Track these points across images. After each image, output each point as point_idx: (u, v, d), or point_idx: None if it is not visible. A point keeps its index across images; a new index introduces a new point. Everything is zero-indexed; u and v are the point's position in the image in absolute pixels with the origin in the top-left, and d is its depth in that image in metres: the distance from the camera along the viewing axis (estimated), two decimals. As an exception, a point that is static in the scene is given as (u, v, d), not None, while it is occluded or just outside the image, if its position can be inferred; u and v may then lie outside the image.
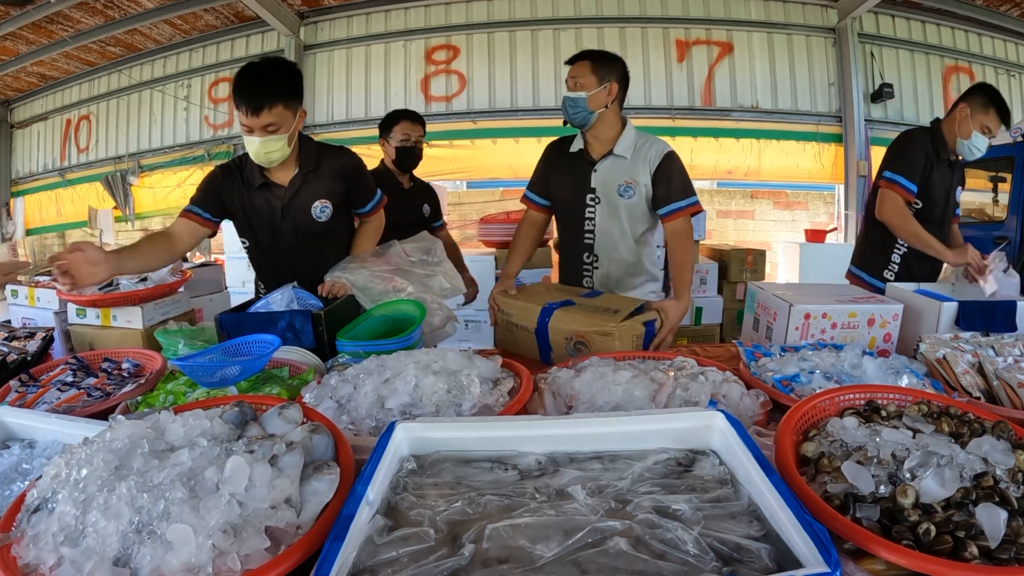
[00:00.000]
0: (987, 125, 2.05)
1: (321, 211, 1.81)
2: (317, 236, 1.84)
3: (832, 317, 1.47)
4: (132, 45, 6.22)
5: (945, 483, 0.67)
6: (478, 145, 5.62)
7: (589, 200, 1.90)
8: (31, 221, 7.36)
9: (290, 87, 1.62)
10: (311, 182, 1.79)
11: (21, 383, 1.35)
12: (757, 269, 4.28)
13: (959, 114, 2.09)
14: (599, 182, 1.88)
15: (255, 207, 1.79)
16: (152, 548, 0.59)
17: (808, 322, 1.47)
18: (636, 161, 1.85)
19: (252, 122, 1.58)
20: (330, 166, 1.82)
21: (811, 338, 1.48)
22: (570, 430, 0.82)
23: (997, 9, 5.49)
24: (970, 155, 2.11)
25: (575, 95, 1.79)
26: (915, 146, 2.12)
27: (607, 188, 1.87)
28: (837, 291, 1.69)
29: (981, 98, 2.05)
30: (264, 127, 1.58)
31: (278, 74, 1.61)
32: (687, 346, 1.85)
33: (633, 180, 1.85)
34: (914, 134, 2.18)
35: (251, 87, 1.57)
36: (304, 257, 1.83)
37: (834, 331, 1.48)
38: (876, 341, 1.50)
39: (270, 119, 1.58)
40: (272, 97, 1.57)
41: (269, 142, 1.61)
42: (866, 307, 1.49)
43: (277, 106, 1.58)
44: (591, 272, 1.96)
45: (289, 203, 1.78)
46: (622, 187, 1.86)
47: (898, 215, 2.08)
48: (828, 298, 1.55)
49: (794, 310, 1.47)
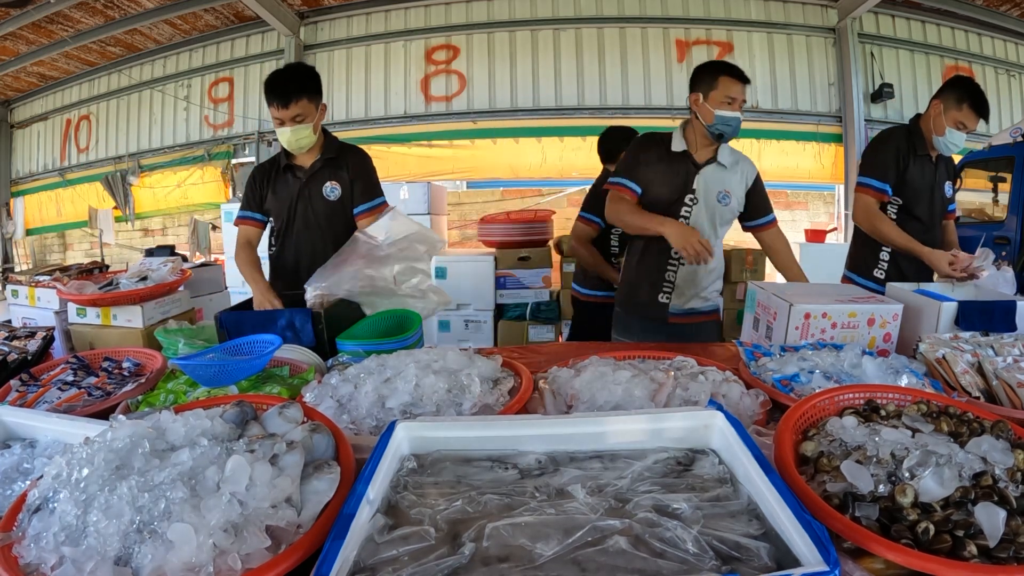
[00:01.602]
0: (961, 121, 2.03)
1: (331, 191, 2.06)
2: (325, 217, 2.06)
3: (832, 317, 1.47)
4: (132, 45, 6.22)
5: (944, 482, 0.68)
6: (478, 145, 5.62)
7: (688, 200, 1.99)
8: (31, 221, 7.36)
9: (311, 84, 1.95)
10: (327, 167, 2.06)
11: (22, 383, 1.35)
12: (757, 269, 4.28)
13: (933, 111, 2.08)
14: (701, 185, 1.99)
15: (279, 186, 2.07)
16: (153, 547, 0.59)
17: (808, 322, 1.47)
18: (734, 172, 2.04)
19: (283, 114, 1.89)
20: (346, 158, 2.09)
21: (811, 338, 1.47)
22: (570, 429, 0.82)
23: (997, 9, 5.49)
24: (946, 151, 2.12)
25: (738, 115, 1.91)
26: (885, 145, 2.14)
27: (708, 192, 1.99)
28: (837, 291, 1.69)
29: (954, 93, 2.04)
30: (292, 118, 1.90)
31: (300, 74, 1.96)
32: (687, 346, 1.86)
33: (730, 190, 2.02)
34: (887, 132, 2.20)
35: (280, 85, 1.91)
36: (313, 232, 2.06)
37: (834, 331, 1.47)
38: (876, 341, 1.50)
39: (297, 110, 1.89)
40: (297, 92, 1.89)
41: (298, 130, 1.92)
42: (866, 307, 1.48)
43: (302, 99, 1.89)
44: (676, 267, 2.04)
45: (307, 182, 2.04)
46: (721, 194, 2.01)
47: (867, 218, 2.13)
48: (828, 298, 1.55)
49: (794, 310, 1.46)
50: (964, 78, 2.15)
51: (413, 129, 5.73)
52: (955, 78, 2.15)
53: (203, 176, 6.31)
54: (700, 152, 2.01)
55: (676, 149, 2.01)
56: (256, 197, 2.08)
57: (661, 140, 2.05)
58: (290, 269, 2.06)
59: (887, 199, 2.12)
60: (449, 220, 5.61)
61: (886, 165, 2.11)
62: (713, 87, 1.90)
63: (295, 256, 2.07)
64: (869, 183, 2.12)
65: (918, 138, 2.14)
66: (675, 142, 2.02)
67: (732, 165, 2.04)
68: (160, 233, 6.91)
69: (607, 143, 2.84)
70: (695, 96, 1.96)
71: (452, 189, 6.07)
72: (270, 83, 1.93)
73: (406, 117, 5.73)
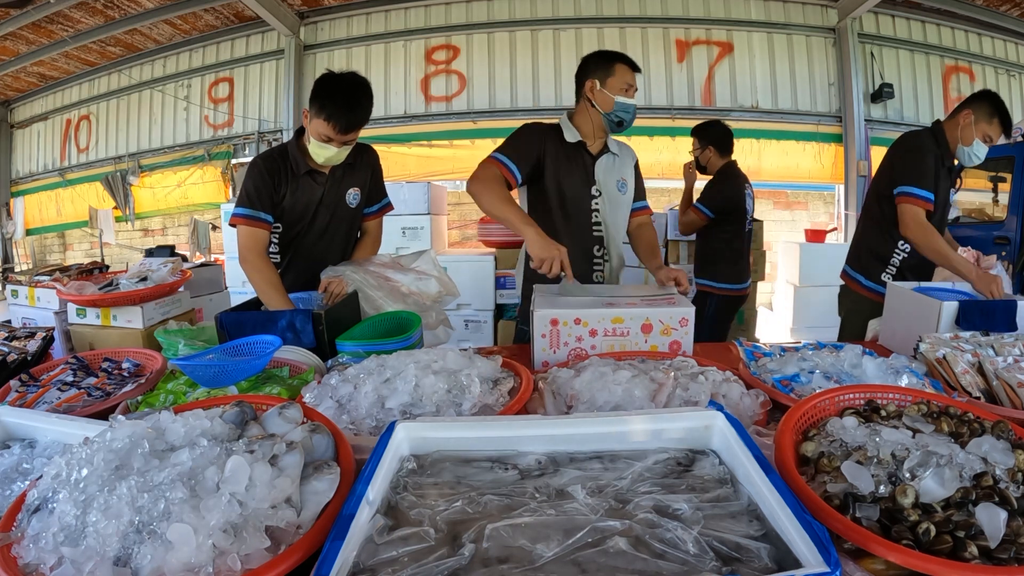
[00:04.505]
0: (989, 134, 2.02)
1: (353, 198, 2.00)
2: (345, 221, 2.01)
3: (589, 323, 1.31)
4: (132, 45, 6.22)
5: (945, 483, 0.67)
6: (478, 145, 5.62)
7: (595, 192, 1.94)
8: (31, 221, 7.35)
9: (373, 107, 1.82)
10: (348, 174, 1.97)
11: (21, 383, 1.35)
12: (757, 269, 4.28)
13: (963, 120, 2.05)
14: (601, 176, 1.93)
15: (299, 190, 1.90)
16: (152, 548, 0.59)
17: (556, 328, 1.31)
18: (624, 159, 2.01)
19: (339, 137, 1.74)
20: (363, 161, 2.02)
21: (564, 347, 1.30)
22: (570, 430, 0.82)
23: (997, 9, 5.49)
24: (968, 162, 2.09)
25: (635, 102, 1.87)
26: (925, 154, 2.07)
27: (607, 183, 1.93)
28: (634, 292, 1.60)
29: (987, 107, 2.02)
30: (345, 142, 1.77)
31: (367, 100, 1.78)
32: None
33: (625, 177, 1.98)
34: (923, 141, 2.11)
35: (349, 107, 1.72)
36: (332, 239, 1.99)
37: (594, 339, 1.31)
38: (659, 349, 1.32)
39: (354, 136, 1.80)
40: (365, 119, 1.79)
41: (343, 152, 1.81)
42: (637, 311, 1.33)
43: (362, 128, 1.80)
44: (602, 265, 1.98)
45: (329, 189, 1.93)
46: (619, 183, 1.96)
47: (922, 233, 1.99)
48: (600, 301, 1.40)
49: (538, 316, 1.30)
50: (993, 92, 2.09)
51: (413, 129, 5.73)
52: (985, 91, 2.10)
53: (203, 176, 6.31)
54: (594, 142, 1.93)
55: (571, 140, 1.90)
56: (268, 195, 1.82)
57: (553, 129, 1.93)
58: (303, 276, 1.91)
59: (931, 208, 2.03)
60: (449, 220, 5.60)
61: (930, 175, 2.03)
62: (610, 74, 1.84)
63: (309, 263, 1.92)
64: (918, 193, 2.01)
65: (944, 148, 2.09)
66: (567, 133, 1.90)
67: (621, 152, 2.00)
68: (160, 233, 6.91)
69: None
70: (591, 83, 1.87)
71: (452, 189, 6.06)
72: (334, 98, 1.70)
73: (406, 117, 5.73)
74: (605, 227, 1.95)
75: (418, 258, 1.94)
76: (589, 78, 1.89)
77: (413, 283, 1.84)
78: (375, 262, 1.91)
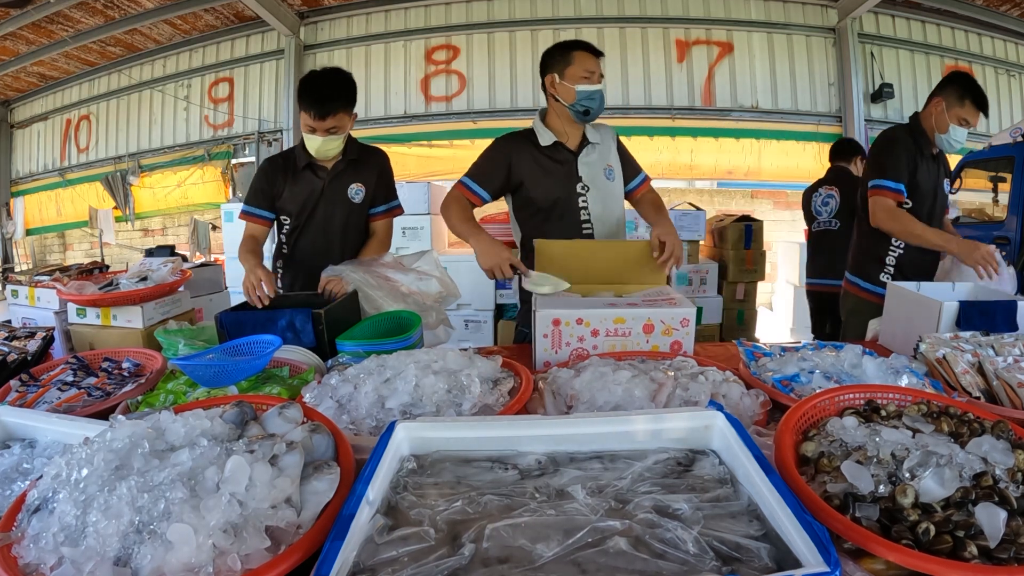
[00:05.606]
0: (964, 117, 2.02)
1: (356, 193, 2.04)
2: (346, 218, 2.04)
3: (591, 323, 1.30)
4: (132, 45, 6.22)
5: (944, 483, 0.67)
6: (478, 145, 5.55)
7: (580, 189, 1.90)
8: (31, 221, 7.36)
9: (349, 96, 1.88)
10: (350, 169, 2.03)
11: (21, 383, 1.35)
12: (757, 269, 4.28)
13: (934, 108, 2.06)
14: (585, 171, 1.90)
15: (298, 184, 2.00)
16: (152, 548, 0.59)
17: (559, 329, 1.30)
18: (606, 145, 1.96)
19: (317, 124, 1.83)
20: (367, 159, 2.07)
21: (566, 347, 1.29)
22: (570, 430, 0.82)
23: (997, 9, 5.49)
24: (948, 148, 2.10)
25: (600, 88, 1.81)
26: (894, 146, 2.10)
27: (594, 176, 1.91)
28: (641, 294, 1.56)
29: (956, 91, 2.03)
30: (327, 129, 1.85)
31: (340, 84, 1.86)
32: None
33: (611, 163, 1.95)
34: (894, 133, 2.16)
35: (319, 95, 1.82)
36: (332, 231, 2.04)
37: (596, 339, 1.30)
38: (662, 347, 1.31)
39: (333, 123, 1.85)
40: (337, 104, 1.83)
41: (329, 141, 1.88)
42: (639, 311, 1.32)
43: (340, 112, 1.84)
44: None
45: (330, 183, 2.00)
46: (607, 171, 1.93)
47: (891, 219, 2.05)
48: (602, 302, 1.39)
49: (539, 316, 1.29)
50: (961, 74, 2.12)
51: (413, 129, 5.73)
52: (953, 74, 2.13)
53: (203, 176, 6.32)
54: (571, 139, 1.90)
55: (546, 143, 1.88)
56: (267, 193, 1.99)
57: (525, 137, 1.92)
58: (303, 268, 2.03)
59: (902, 199, 2.07)
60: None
61: (899, 166, 2.06)
62: (569, 63, 1.81)
63: (309, 255, 2.02)
64: (885, 185, 2.06)
65: (922, 137, 2.11)
66: (541, 136, 1.89)
67: (602, 139, 1.95)
68: (160, 233, 6.91)
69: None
70: (551, 78, 1.85)
71: (452, 189, 6.06)
72: (307, 89, 1.82)
73: (406, 117, 5.74)
74: (594, 223, 1.92)
75: (420, 258, 1.94)
76: (549, 73, 1.87)
77: (414, 283, 1.84)
78: (376, 262, 1.92)
